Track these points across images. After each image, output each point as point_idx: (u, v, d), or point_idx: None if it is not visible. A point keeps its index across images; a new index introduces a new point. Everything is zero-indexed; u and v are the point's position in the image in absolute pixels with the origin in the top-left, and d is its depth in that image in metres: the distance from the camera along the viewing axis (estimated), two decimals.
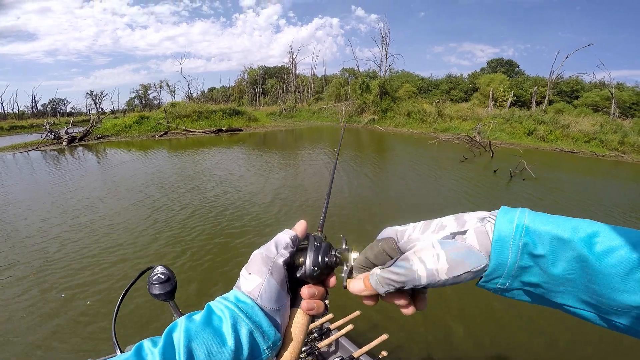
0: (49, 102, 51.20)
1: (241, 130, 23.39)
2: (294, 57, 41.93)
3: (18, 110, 44.53)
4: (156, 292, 1.02)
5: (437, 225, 0.42)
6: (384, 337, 2.19)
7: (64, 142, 18.29)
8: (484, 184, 8.62)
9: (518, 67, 37.77)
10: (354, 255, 0.48)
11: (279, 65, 51.43)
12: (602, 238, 0.32)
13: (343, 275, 0.49)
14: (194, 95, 44.76)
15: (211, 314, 0.42)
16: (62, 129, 19.81)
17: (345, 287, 0.48)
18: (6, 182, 8.80)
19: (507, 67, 36.95)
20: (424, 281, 0.40)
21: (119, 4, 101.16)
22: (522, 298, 0.38)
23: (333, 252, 0.49)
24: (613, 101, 23.49)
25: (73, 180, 8.62)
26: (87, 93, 48.94)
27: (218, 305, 0.44)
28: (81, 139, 19.52)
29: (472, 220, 0.40)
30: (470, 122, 22.91)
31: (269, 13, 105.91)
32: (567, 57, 26.08)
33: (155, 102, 53.03)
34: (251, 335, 0.41)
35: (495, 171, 10.07)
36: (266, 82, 47.09)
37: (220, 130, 21.96)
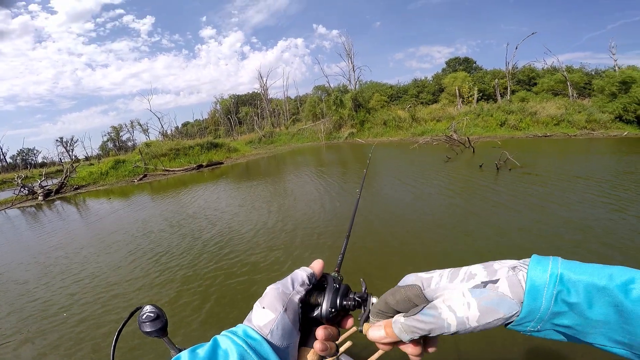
0: (18, 153, 49.44)
1: (222, 163, 23.05)
2: (265, 81, 42.44)
3: None
4: (147, 329, 1.05)
5: (465, 273, 0.42)
6: None
7: (39, 197, 17.44)
8: (475, 180, 8.76)
9: (475, 62, 39.81)
10: (373, 300, 0.49)
11: (250, 92, 51.96)
12: (637, 284, 0.33)
13: (360, 319, 0.49)
14: (168, 132, 44.11)
15: (217, 348, 0.40)
16: (36, 183, 18.92)
17: (361, 332, 0.48)
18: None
19: (465, 64, 38.78)
20: (453, 329, 0.40)
21: (74, 44, 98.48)
22: (553, 337, 0.39)
23: (351, 296, 0.49)
24: (568, 84, 25.00)
25: (58, 239, 8.07)
26: (57, 140, 47.35)
27: (224, 340, 0.42)
28: (57, 191, 18.63)
29: (503, 269, 0.40)
30: (444, 122, 23.68)
31: (232, 41, 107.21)
32: (516, 48, 27.79)
33: (129, 143, 52.04)
34: None
35: (480, 166, 10.30)
36: (240, 110, 47.21)
37: (200, 166, 21.54)
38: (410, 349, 0.46)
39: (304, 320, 0.48)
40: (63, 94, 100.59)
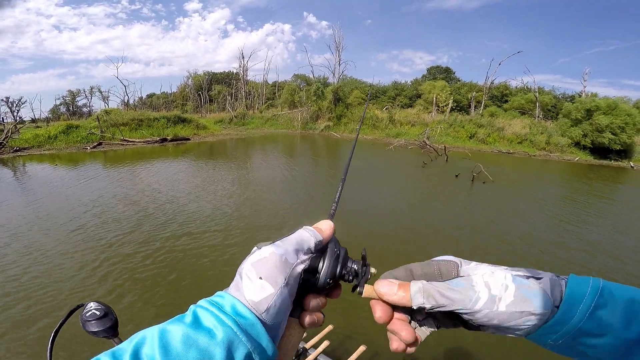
0: None
1: (189, 139, 21.65)
2: (246, 62, 40.50)
3: None
4: (94, 329, 0.94)
5: (508, 267, 0.41)
6: (363, 348, 2.18)
7: None
8: (453, 189, 8.82)
9: (454, 73, 41.08)
10: (372, 270, 0.44)
11: (226, 70, 49.47)
12: None
13: (359, 285, 0.43)
14: (131, 101, 40.70)
15: (198, 326, 0.32)
16: None
17: (360, 294, 0.43)
18: None
19: (445, 74, 39.84)
20: (479, 305, 0.37)
21: (46, 4, 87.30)
22: (574, 355, 0.38)
23: (350, 265, 0.43)
24: (537, 104, 26.55)
25: None
26: (2, 100, 41.84)
27: (208, 316, 0.33)
28: None
29: (547, 273, 0.38)
30: (418, 128, 24.12)
31: (217, 17, 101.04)
32: (499, 64, 29.01)
33: (85, 109, 47.27)
34: (249, 357, 0.33)
35: (457, 175, 10.43)
36: (213, 88, 44.80)
37: (164, 140, 20.05)
38: (404, 330, 0.41)
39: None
40: (20, 54, 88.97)
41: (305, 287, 0.41)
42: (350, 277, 0.43)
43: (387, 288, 0.41)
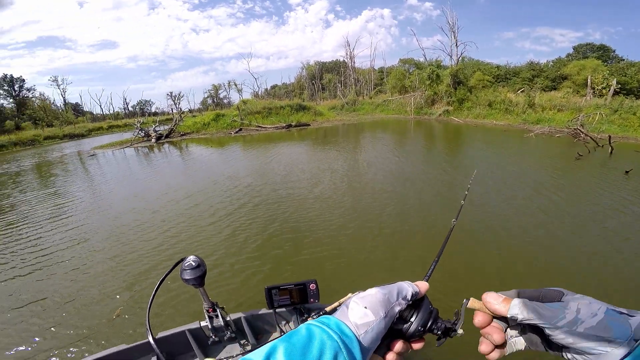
0: (137, 104, 59.39)
1: (309, 125, 23.56)
2: (352, 49, 41.11)
3: (113, 111, 52.80)
4: (187, 277, 1.08)
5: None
6: None
7: (152, 140, 20.29)
8: (622, 189, 7.17)
9: (614, 51, 32.34)
10: (460, 332, 0.50)
11: (334, 59, 51.22)
12: None
13: (445, 335, 0.50)
14: (259, 93, 46.67)
15: (312, 339, 0.41)
16: (150, 127, 22.10)
17: (439, 345, 0.51)
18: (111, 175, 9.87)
19: (600, 52, 31.84)
20: (561, 323, 0.42)
21: (180, 9, 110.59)
22: None
23: (439, 323, 0.50)
24: None
25: (166, 178, 9.20)
26: (167, 94, 54.54)
27: (318, 331, 0.42)
28: (167, 136, 21.38)
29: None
30: (567, 113, 20.03)
31: (317, 9, 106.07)
32: None
33: (225, 100, 56.97)
34: None
35: (627, 172, 8.37)
36: (324, 76, 47.15)
37: (290, 126, 22.39)
38: (497, 333, 0.48)
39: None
40: (173, 55, 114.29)
41: (395, 333, 0.49)
42: (439, 332, 0.50)
43: (492, 297, 0.48)
